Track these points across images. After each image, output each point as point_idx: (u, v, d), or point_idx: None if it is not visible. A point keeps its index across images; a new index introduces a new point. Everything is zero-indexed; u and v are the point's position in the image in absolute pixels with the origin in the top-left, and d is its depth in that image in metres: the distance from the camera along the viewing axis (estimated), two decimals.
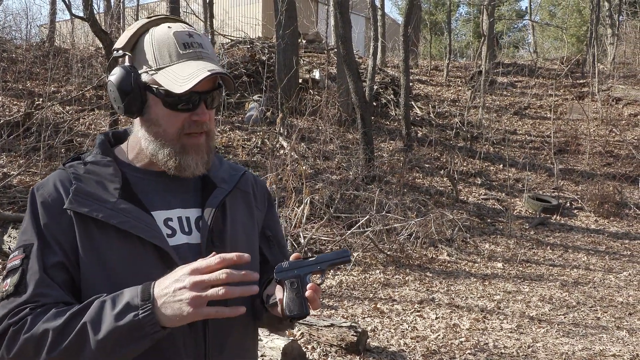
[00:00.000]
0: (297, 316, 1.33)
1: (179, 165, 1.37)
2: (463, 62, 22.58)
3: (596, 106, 15.94)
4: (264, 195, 1.64)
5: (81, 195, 1.32)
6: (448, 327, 5.63)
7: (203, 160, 1.39)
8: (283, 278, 1.35)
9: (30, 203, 1.35)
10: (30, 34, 17.38)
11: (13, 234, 6.22)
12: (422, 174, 12.06)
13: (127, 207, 1.32)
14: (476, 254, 8.66)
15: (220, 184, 1.48)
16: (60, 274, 1.29)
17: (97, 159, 1.40)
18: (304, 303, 1.32)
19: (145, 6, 22.89)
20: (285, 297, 1.33)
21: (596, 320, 6.12)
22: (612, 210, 11.15)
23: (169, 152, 1.37)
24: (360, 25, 23.70)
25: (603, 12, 20.65)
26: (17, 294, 1.25)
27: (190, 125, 1.36)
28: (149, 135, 1.38)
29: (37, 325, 1.20)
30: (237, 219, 1.49)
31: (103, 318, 1.18)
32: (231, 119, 12.36)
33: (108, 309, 1.19)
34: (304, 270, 1.36)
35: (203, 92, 1.35)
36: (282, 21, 12.55)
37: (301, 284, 1.34)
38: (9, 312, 1.24)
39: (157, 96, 1.35)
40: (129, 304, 1.18)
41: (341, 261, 1.41)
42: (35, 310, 1.23)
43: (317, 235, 7.99)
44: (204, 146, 1.40)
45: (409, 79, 13.22)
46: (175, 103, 1.34)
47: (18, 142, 9.05)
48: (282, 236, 1.67)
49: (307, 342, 4.94)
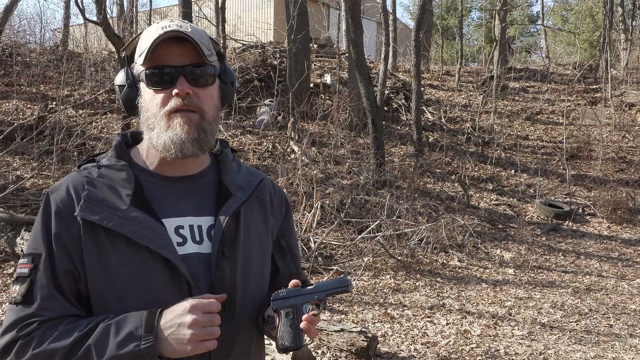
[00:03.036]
0: (289, 348, 1.30)
1: (164, 144, 1.35)
2: (475, 67, 22.51)
3: (609, 112, 15.82)
4: (281, 203, 1.62)
5: (92, 202, 1.32)
6: (459, 333, 5.60)
7: (191, 137, 1.35)
8: (279, 307, 1.34)
9: (44, 207, 1.35)
10: (44, 38, 17.62)
11: (26, 237, 6.26)
12: (433, 179, 12.02)
13: (138, 215, 1.32)
14: (487, 259, 8.62)
15: (236, 192, 1.46)
16: (69, 284, 1.30)
17: (111, 163, 1.40)
18: (297, 335, 1.30)
19: (158, 10, 23.01)
20: (280, 328, 1.32)
21: (609, 327, 6.06)
22: (625, 216, 11.06)
23: (157, 133, 1.36)
24: (371, 30, 23.70)
25: (616, 17, 20.51)
26: (26, 304, 1.28)
27: (173, 101, 1.35)
28: (143, 124, 1.40)
29: (45, 342, 1.23)
30: (251, 228, 1.47)
31: (106, 344, 1.21)
32: (242, 123, 12.39)
33: (112, 335, 1.22)
34: (300, 300, 1.34)
35: (179, 66, 1.35)
36: (293, 26, 12.58)
37: (297, 314, 1.32)
38: (18, 322, 1.27)
39: (142, 82, 1.37)
40: (132, 333, 1.22)
41: (340, 291, 1.36)
42: (42, 325, 1.26)
43: (328, 240, 7.98)
44: (195, 124, 1.36)
45: (420, 84, 13.19)
46: (155, 81, 1.35)
47: (31, 145, 9.12)
48: (295, 245, 1.65)
49: (317, 347, 4.93)
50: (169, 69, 1.34)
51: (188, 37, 1.34)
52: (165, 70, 1.34)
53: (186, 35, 1.33)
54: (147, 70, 1.35)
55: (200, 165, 1.47)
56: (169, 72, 1.34)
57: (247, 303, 1.42)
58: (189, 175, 1.45)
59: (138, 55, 1.39)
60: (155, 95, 1.36)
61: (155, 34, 1.34)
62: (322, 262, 7.47)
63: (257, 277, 1.48)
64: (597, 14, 26.85)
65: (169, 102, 1.35)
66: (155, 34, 1.34)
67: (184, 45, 1.36)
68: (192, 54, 1.37)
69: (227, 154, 1.54)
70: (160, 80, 1.35)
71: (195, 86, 1.36)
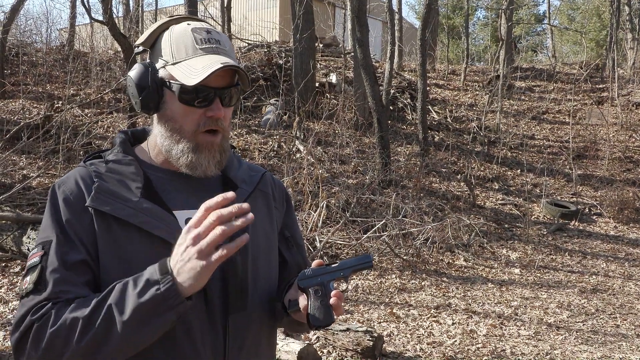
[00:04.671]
0: (324, 324, 1.32)
1: (190, 162, 1.36)
2: (480, 67, 22.46)
3: (616, 111, 15.76)
4: (282, 196, 1.64)
5: (103, 193, 1.32)
6: (465, 333, 5.58)
7: (215, 159, 1.39)
8: (307, 286, 1.35)
9: (51, 199, 1.35)
10: (51, 38, 17.63)
11: (32, 236, 6.27)
12: (438, 179, 12.00)
13: (149, 206, 1.32)
14: (493, 259, 8.60)
15: (240, 185, 1.48)
16: (83, 273, 1.28)
17: (118, 158, 1.40)
18: (328, 311, 1.32)
19: (164, 10, 23.06)
20: (310, 305, 1.33)
21: (615, 327, 6.04)
22: (631, 216, 11.01)
23: (183, 149, 1.36)
24: (377, 30, 23.69)
25: (623, 16, 20.40)
26: (37, 292, 1.25)
27: (206, 122, 1.36)
28: (165, 132, 1.39)
29: (63, 316, 1.19)
30: (257, 220, 1.45)
31: (127, 298, 1.18)
32: (248, 123, 12.40)
33: (130, 289, 1.19)
34: (327, 278, 1.36)
35: (218, 88, 1.35)
36: (299, 25, 12.57)
37: (325, 292, 1.33)
38: (30, 310, 1.23)
39: (172, 91, 1.35)
40: (149, 280, 1.18)
41: (364, 267, 1.40)
42: (57, 304, 1.22)
43: (333, 239, 7.97)
44: (218, 146, 1.39)
45: (426, 83, 13.17)
46: (191, 99, 1.34)
47: (37, 144, 9.14)
48: (300, 236, 1.67)
49: (323, 346, 4.93)
50: (207, 90, 1.34)
51: (236, 67, 1.33)
52: (205, 92, 1.34)
53: (236, 68, 1.33)
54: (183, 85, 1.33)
55: None
56: (210, 95, 1.34)
57: (258, 293, 1.44)
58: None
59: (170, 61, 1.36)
60: (186, 110, 1.35)
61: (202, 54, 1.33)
62: (328, 261, 7.45)
63: (266, 268, 1.49)
64: (604, 13, 26.76)
65: (199, 121, 1.36)
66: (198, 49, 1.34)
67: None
68: (229, 75, 1.37)
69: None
70: (196, 99, 1.34)
71: (225, 106, 1.38)
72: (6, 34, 12.24)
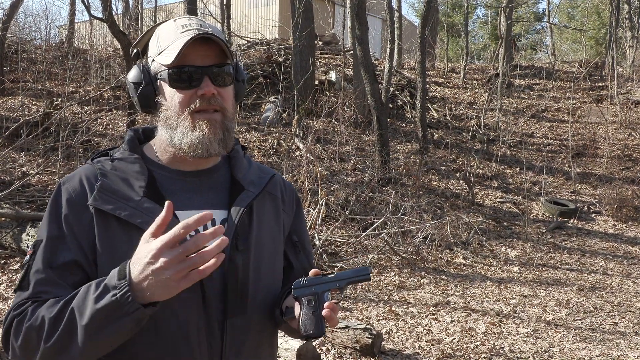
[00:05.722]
0: (313, 336, 1.31)
1: (190, 143, 1.36)
2: (480, 65, 22.45)
3: (615, 109, 15.76)
4: (292, 200, 1.62)
5: (106, 192, 1.33)
6: (463, 331, 5.59)
7: (217, 137, 1.37)
8: (300, 295, 1.34)
9: (55, 195, 1.36)
10: (50, 35, 17.62)
11: (31, 233, 6.28)
12: (438, 177, 12.01)
13: (150, 206, 1.32)
14: (492, 257, 8.61)
15: (248, 187, 1.47)
16: (72, 273, 1.29)
17: (124, 156, 1.41)
18: (319, 322, 1.31)
19: (164, 7, 23.05)
20: (302, 315, 1.32)
21: (614, 325, 6.05)
22: (630, 214, 11.02)
23: (181, 132, 1.36)
24: (376, 27, 23.67)
25: (622, 14, 20.38)
26: (22, 290, 1.29)
27: (198, 102, 1.36)
28: (164, 122, 1.40)
29: (35, 314, 1.22)
30: (263, 222, 1.47)
31: (86, 302, 1.17)
32: (247, 120, 12.40)
33: (91, 293, 1.17)
34: (322, 288, 1.34)
35: (205, 67, 1.36)
36: (298, 23, 12.56)
37: (318, 302, 1.33)
38: (14, 305, 1.28)
39: (164, 79, 1.37)
40: (107, 285, 1.16)
41: (361, 279, 1.38)
42: (35, 303, 1.25)
43: (332, 237, 7.98)
44: (219, 124, 1.38)
45: (425, 81, 13.17)
46: (179, 79, 1.35)
47: (37, 141, 9.14)
48: (308, 242, 1.65)
49: (322, 343, 4.94)
50: (194, 69, 1.35)
51: (216, 38, 1.34)
52: (191, 70, 1.35)
53: (215, 37, 1.34)
54: (170, 69, 1.35)
55: (213, 161, 1.48)
56: (195, 72, 1.35)
57: (259, 297, 1.42)
58: (201, 170, 1.45)
59: (156, 52, 1.39)
60: (177, 94, 1.36)
61: (182, 36, 1.35)
62: (327, 259, 7.47)
63: (269, 272, 1.48)
64: (604, 11, 26.74)
65: (192, 101, 1.36)
66: (179, 34, 1.36)
67: (207, 45, 1.36)
68: (215, 54, 1.38)
69: (237, 150, 1.55)
70: (184, 80, 1.35)
71: (218, 86, 1.38)
72: (5, 31, 12.22)
